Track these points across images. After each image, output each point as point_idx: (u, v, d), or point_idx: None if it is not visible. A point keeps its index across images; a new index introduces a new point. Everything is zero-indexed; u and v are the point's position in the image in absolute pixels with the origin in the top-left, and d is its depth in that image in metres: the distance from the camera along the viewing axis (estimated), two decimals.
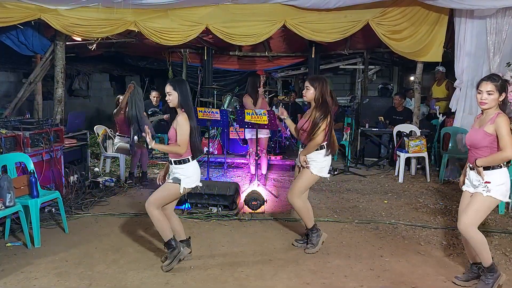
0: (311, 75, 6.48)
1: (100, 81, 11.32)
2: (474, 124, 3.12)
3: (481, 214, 2.96)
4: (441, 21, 6.08)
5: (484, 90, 2.91)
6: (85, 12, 5.80)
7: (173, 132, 3.29)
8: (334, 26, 6.27)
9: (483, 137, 2.93)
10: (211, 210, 4.64)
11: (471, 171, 3.05)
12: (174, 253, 3.33)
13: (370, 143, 7.43)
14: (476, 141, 2.98)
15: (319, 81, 3.62)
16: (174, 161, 3.32)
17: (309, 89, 3.62)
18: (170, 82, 3.33)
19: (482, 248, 2.97)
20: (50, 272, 3.32)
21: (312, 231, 3.75)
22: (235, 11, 6.15)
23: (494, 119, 2.89)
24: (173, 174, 3.35)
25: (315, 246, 3.71)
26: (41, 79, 6.62)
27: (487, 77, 3.00)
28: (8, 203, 3.56)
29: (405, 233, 4.19)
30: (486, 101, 2.91)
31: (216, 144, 7.21)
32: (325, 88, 3.61)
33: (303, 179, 3.67)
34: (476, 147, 2.98)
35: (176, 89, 3.28)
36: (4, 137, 4.22)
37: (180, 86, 3.31)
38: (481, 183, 2.95)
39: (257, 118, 5.26)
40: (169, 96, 3.30)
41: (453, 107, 6.28)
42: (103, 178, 5.80)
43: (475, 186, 3.02)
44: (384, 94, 8.77)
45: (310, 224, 3.74)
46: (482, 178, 2.93)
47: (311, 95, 3.62)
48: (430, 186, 5.93)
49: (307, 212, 3.72)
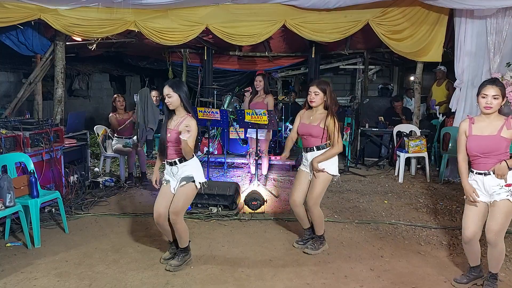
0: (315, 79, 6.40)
1: (100, 81, 11.32)
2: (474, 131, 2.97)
3: (509, 220, 2.91)
4: (441, 21, 6.08)
5: (489, 95, 2.86)
6: (85, 12, 5.79)
7: (176, 135, 3.20)
8: (334, 26, 6.26)
9: (500, 142, 2.87)
10: (211, 210, 4.64)
11: (486, 177, 2.93)
12: (186, 258, 3.41)
13: (370, 143, 7.42)
14: (493, 147, 2.88)
15: (326, 85, 3.56)
16: (179, 160, 3.26)
17: (318, 94, 3.52)
18: (168, 84, 3.25)
19: (501, 257, 2.97)
20: (50, 272, 3.32)
21: (320, 238, 3.75)
22: (235, 11, 6.14)
23: (510, 124, 2.86)
24: (179, 175, 3.28)
25: (315, 250, 3.68)
26: (41, 79, 6.62)
27: (491, 81, 2.94)
28: (8, 203, 3.56)
29: (405, 233, 4.19)
30: (492, 105, 2.86)
31: (216, 144, 7.21)
32: (331, 91, 3.57)
33: (322, 184, 3.57)
34: (496, 154, 2.89)
35: (176, 90, 3.22)
36: (4, 137, 4.22)
37: (180, 87, 3.26)
38: (502, 187, 2.87)
39: (257, 118, 5.26)
40: (168, 99, 3.22)
41: (453, 107, 6.28)
42: (103, 178, 5.81)
43: (492, 193, 2.92)
44: (384, 94, 8.76)
45: (321, 232, 3.74)
46: (505, 181, 2.85)
47: (320, 100, 3.54)
48: (430, 186, 5.93)
49: (322, 219, 3.70)
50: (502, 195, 2.87)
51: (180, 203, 3.25)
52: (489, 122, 2.94)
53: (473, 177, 3.02)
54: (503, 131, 2.88)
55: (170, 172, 3.34)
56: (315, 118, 3.58)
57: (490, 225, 2.90)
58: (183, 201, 3.26)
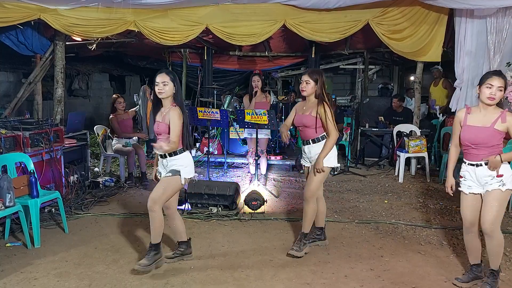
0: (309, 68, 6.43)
1: (100, 81, 11.32)
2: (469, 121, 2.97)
3: (503, 210, 2.93)
4: (441, 20, 6.08)
5: (495, 85, 2.83)
6: (84, 12, 5.79)
7: (164, 127, 3.18)
8: (334, 26, 6.26)
9: (493, 135, 2.88)
10: (211, 210, 4.63)
11: (477, 168, 2.94)
12: (157, 257, 3.30)
13: (370, 143, 7.42)
14: (487, 139, 2.89)
15: (318, 74, 3.55)
16: (169, 153, 3.22)
17: (309, 83, 3.52)
18: (166, 72, 3.19)
19: (500, 250, 2.97)
20: (50, 272, 3.31)
21: (305, 237, 3.68)
22: (235, 11, 6.14)
23: (504, 117, 2.85)
24: (168, 168, 3.27)
25: (300, 252, 3.58)
26: (40, 79, 6.62)
27: (496, 72, 2.92)
28: (8, 203, 3.55)
29: (405, 233, 4.18)
30: (495, 97, 2.84)
31: (216, 144, 7.21)
32: (323, 81, 3.56)
33: (320, 176, 3.52)
34: (488, 145, 2.89)
35: (172, 79, 3.18)
36: (4, 137, 4.21)
37: (176, 77, 3.22)
38: (493, 178, 2.89)
39: (257, 118, 5.26)
40: (164, 87, 3.15)
41: (453, 107, 6.28)
42: (103, 178, 5.81)
43: (484, 183, 2.94)
44: (384, 94, 8.76)
45: (308, 229, 3.68)
46: (497, 172, 2.86)
47: (312, 89, 3.53)
48: (430, 186, 5.93)
49: (314, 216, 3.65)
50: (494, 185, 2.91)
51: (159, 190, 3.19)
52: (485, 113, 2.93)
53: (465, 167, 3.03)
54: (497, 124, 2.88)
55: (161, 164, 3.32)
56: (307, 108, 3.59)
57: (484, 215, 2.92)
58: (163, 189, 3.20)
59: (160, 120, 3.25)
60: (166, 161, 3.26)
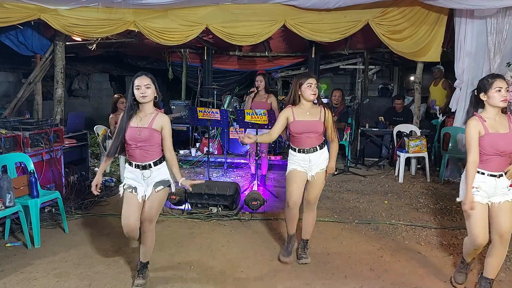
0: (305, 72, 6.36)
1: (99, 81, 11.32)
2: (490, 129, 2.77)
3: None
4: (441, 21, 6.08)
5: (503, 87, 2.75)
6: (84, 12, 5.80)
7: (149, 133, 2.91)
8: (334, 26, 6.26)
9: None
10: (211, 210, 4.63)
11: (499, 179, 2.79)
12: (148, 273, 3.18)
13: (370, 143, 7.42)
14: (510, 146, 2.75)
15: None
16: (154, 162, 2.96)
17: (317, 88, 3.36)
18: (147, 75, 2.94)
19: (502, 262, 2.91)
20: (49, 272, 3.31)
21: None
22: (235, 11, 6.14)
23: None
24: (151, 179, 2.97)
25: (309, 257, 3.52)
26: (40, 79, 6.62)
27: (496, 75, 2.88)
28: (8, 203, 3.55)
29: (405, 233, 4.18)
30: (507, 98, 2.75)
31: (216, 144, 7.21)
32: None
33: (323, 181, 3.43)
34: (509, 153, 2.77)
35: (154, 82, 2.94)
36: (4, 137, 4.21)
37: (155, 80, 2.97)
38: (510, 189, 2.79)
39: (257, 118, 5.26)
40: (147, 89, 2.88)
41: (453, 107, 6.28)
42: (103, 178, 5.79)
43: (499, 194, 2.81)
44: (384, 94, 8.76)
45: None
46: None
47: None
48: (430, 186, 5.93)
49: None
50: (509, 195, 2.80)
51: (154, 209, 2.98)
52: (497, 119, 2.80)
53: (482, 178, 2.80)
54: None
55: (140, 177, 2.97)
56: (313, 113, 3.31)
57: (503, 225, 2.76)
58: (158, 207, 3.00)
59: (141, 126, 2.91)
60: (150, 171, 2.95)
